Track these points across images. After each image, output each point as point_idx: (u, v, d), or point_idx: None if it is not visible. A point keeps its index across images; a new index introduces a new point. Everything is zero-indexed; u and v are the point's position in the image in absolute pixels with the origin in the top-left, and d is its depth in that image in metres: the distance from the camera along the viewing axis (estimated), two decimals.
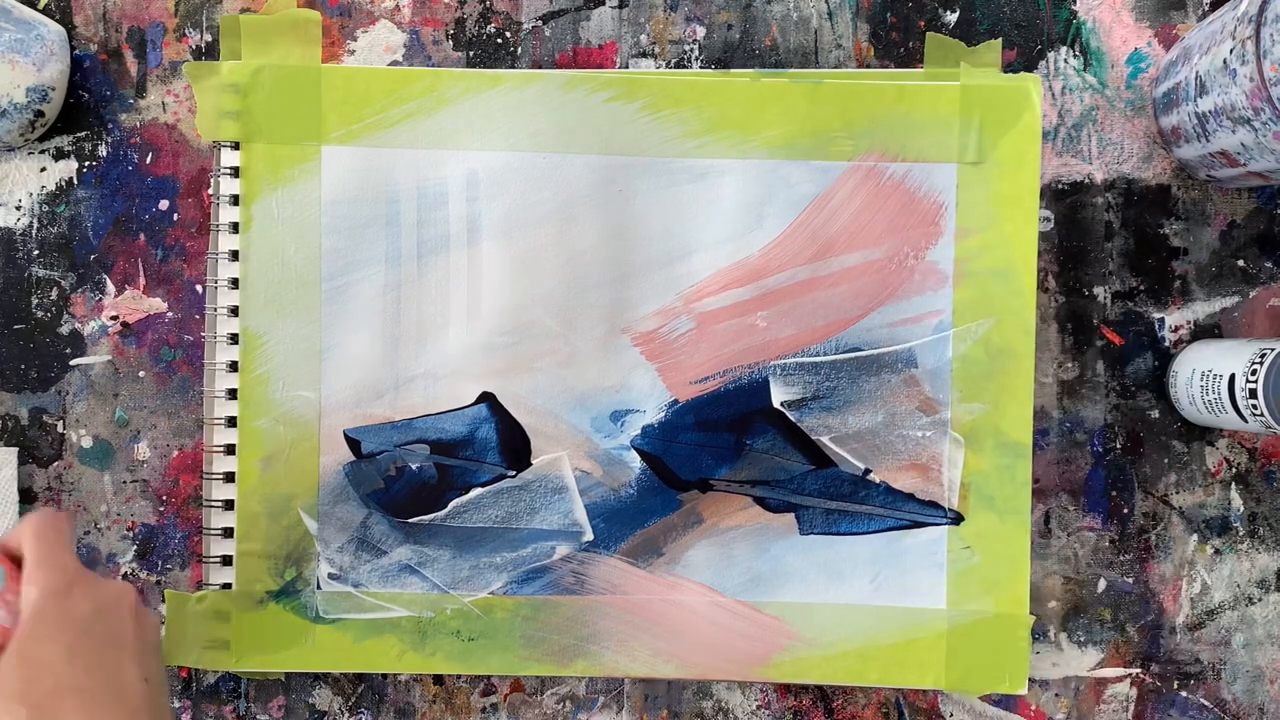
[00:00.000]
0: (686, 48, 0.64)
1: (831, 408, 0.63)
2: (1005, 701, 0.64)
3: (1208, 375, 0.59)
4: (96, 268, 0.64)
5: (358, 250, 0.63)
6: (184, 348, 0.64)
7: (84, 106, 0.64)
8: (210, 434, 0.63)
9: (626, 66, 0.64)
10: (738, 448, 0.63)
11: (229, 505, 0.63)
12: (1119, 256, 0.64)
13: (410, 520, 0.63)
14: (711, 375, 0.63)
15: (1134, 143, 0.64)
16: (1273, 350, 0.56)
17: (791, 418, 0.63)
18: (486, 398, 0.63)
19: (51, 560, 0.50)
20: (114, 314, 0.64)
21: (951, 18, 0.64)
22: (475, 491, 0.63)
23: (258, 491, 0.63)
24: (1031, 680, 0.64)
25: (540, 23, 0.65)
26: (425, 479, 0.63)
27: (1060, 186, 0.64)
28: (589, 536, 0.63)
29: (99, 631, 0.49)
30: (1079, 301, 0.64)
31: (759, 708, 0.64)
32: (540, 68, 0.64)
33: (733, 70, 0.63)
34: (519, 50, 0.65)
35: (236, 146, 0.63)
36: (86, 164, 0.64)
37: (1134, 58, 0.64)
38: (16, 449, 0.64)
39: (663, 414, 0.63)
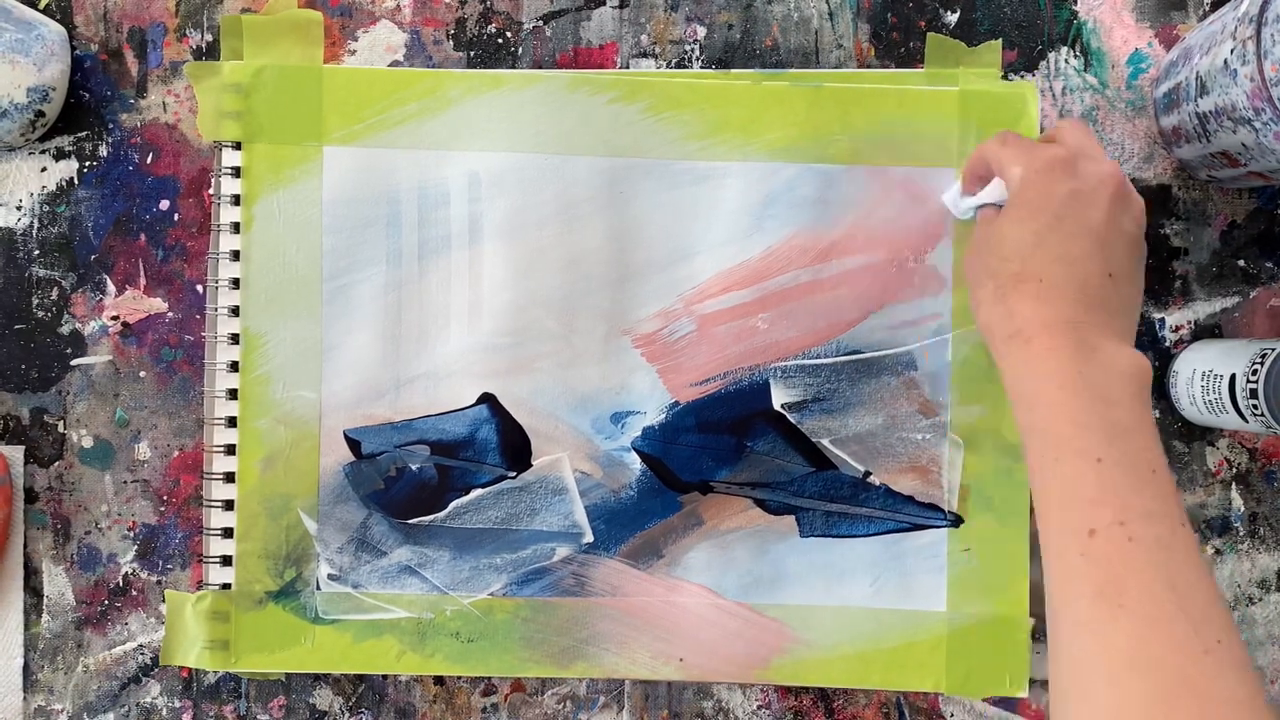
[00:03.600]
0: (687, 48, 0.64)
1: (832, 410, 0.63)
2: (1006, 702, 0.64)
3: (1208, 375, 0.59)
4: (97, 268, 0.64)
5: (359, 250, 0.63)
6: (185, 348, 0.64)
7: (85, 106, 0.64)
8: (210, 434, 0.63)
9: (627, 67, 0.64)
10: (738, 450, 0.63)
11: (229, 505, 0.63)
12: None
13: (410, 521, 0.63)
14: (712, 377, 0.63)
15: (1135, 143, 0.64)
16: (1273, 350, 0.56)
17: (792, 420, 0.63)
18: (487, 399, 0.63)
19: (1044, 144, 0.54)
20: (114, 314, 0.64)
21: (952, 18, 0.64)
22: (475, 493, 0.63)
23: (258, 492, 0.63)
24: (1033, 680, 0.64)
25: (541, 23, 0.64)
26: (425, 480, 0.63)
27: None
28: (589, 538, 0.63)
29: (1071, 218, 0.51)
30: None
31: (760, 708, 0.64)
32: (541, 68, 0.64)
33: (734, 72, 0.63)
34: (520, 50, 0.64)
35: (238, 146, 0.63)
36: (87, 164, 0.64)
37: (1134, 58, 0.64)
38: (23, 447, 0.64)
39: (663, 416, 0.63)
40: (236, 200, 0.63)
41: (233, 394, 0.63)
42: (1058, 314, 0.50)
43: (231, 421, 0.63)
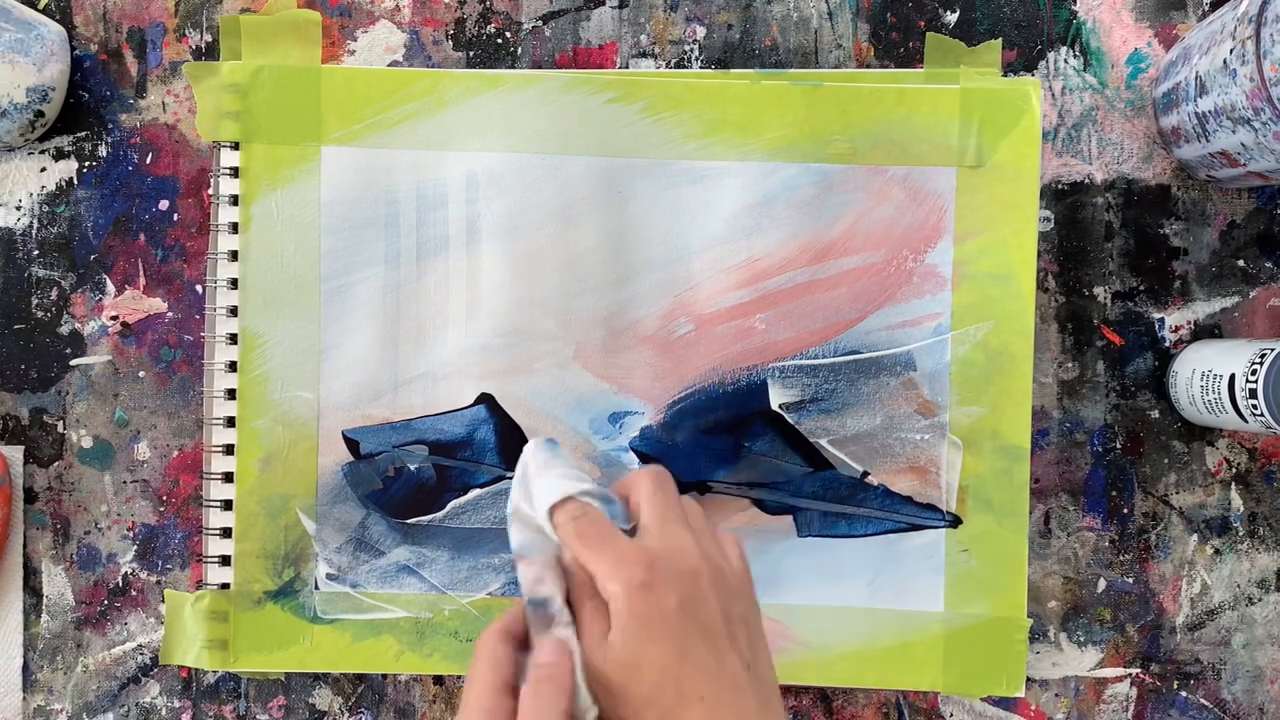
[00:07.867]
0: (686, 48, 0.64)
1: (830, 410, 0.63)
2: (1005, 701, 0.64)
3: (1208, 375, 0.59)
4: (96, 268, 0.64)
5: (357, 251, 0.63)
6: (184, 348, 0.64)
7: (84, 107, 0.64)
8: (209, 434, 0.63)
9: (626, 66, 0.64)
10: (736, 450, 0.63)
11: (228, 505, 0.63)
12: (1119, 256, 0.64)
13: (408, 521, 0.63)
14: (710, 377, 0.63)
15: (1134, 143, 0.64)
16: (1273, 350, 0.56)
17: (790, 420, 0.63)
18: (485, 399, 0.63)
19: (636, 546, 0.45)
20: (114, 314, 0.64)
21: (951, 18, 0.64)
22: (473, 493, 0.63)
23: (256, 492, 0.63)
24: (1031, 680, 0.64)
25: (540, 23, 0.64)
26: (423, 480, 0.63)
27: (1060, 186, 0.64)
28: None
29: (693, 626, 0.44)
30: (1079, 301, 0.64)
31: None
32: (540, 68, 0.64)
33: (733, 71, 0.63)
34: (519, 50, 0.64)
35: (236, 147, 0.63)
36: (86, 164, 0.64)
37: (1134, 58, 0.64)
38: (22, 448, 0.64)
39: (661, 416, 0.63)
40: (235, 200, 0.63)
41: (231, 394, 0.63)
42: None
43: (230, 421, 0.63)
